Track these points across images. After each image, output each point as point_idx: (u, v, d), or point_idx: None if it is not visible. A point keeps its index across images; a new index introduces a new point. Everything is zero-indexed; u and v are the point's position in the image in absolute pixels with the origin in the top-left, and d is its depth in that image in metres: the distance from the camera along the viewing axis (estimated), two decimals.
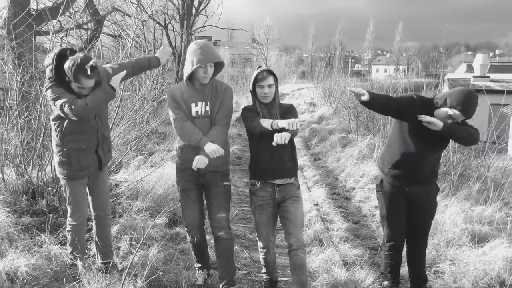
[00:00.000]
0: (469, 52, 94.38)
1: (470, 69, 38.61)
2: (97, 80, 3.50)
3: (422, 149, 3.64)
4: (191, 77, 3.49)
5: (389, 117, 6.92)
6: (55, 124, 3.59)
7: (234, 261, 3.87)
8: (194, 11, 19.39)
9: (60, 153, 3.63)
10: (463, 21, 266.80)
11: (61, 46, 6.39)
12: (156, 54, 4.13)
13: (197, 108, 3.50)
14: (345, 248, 4.72)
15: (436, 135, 3.53)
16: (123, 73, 3.68)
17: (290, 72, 48.78)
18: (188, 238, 3.76)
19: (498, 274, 3.99)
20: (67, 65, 3.36)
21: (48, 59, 3.48)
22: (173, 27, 19.22)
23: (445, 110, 3.48)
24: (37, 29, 9.36)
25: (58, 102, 3.42)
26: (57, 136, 3.62)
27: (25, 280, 3.44)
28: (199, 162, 3.33)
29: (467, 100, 3.42)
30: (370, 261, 4.56)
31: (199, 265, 3.86)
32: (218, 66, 3.54)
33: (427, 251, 4.14)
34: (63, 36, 9.99)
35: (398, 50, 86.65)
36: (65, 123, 3.54)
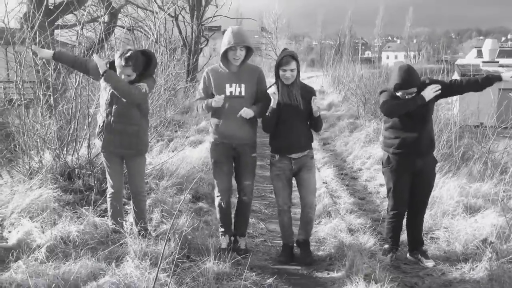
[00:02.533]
0: (481, 37, 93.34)
1: (480, 54, 38.52)
2: (138, 72, 4.13)
3: (417, 127, 4.19)
4: (227, 60, 4.05)
5: None
6: (105, 104, 4.23)
7: (248, 219, 4.52)
8: (204, 2, 19.80)
9: (101, 126, 4.29)
10: (475, 6, 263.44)
11: (77, 39, 7.00)
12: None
13: (231, 89, 4.09)
14: (350, 218, 5.29)
15: (422, 111, 4.15)
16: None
17: (299, 61, 48.99)
18: (217, 202, 4.37)
19: (485, 238, 4.51)
20: (116, 56, 4.00)
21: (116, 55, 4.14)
22: (184, 18, 19.66)
23: (401, 94, 4.11)
24: (57, 23, 9.88)
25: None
26: (104, 108, 4.27)
27: (76, 243, 4.07)
28: (245, 112, 4.02)
29: (401, 75, 4.02)
30: (372, 228, 5.11)
31: (223, 229, 4.44)
32: (250, 50, 4.09)
33: (424, 220, 4.69)
34: (80, 29, 10.54)
35: (408, 36, 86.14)
36: (113, 107, 4.17)
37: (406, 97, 4.11)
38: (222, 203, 4.34)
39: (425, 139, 4.25)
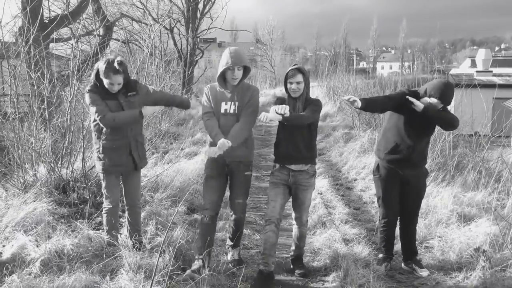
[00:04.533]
0: (474, 47, 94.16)
1: (474, 64, 38.82)
2: (126, 77, 4.10)
3: (414, 136, 4.23)
4: (225, 78, 4.09)
5: None
6: (94, 125, 4.22)
7: (242, 233, 4.48)
8: (198, 14, 19.94)
9: (97, 150, 4.25)
10: (469, 16, 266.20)
11: (72, 52, 7.03)
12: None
13: (226, 106, 4.09)
14: (345, 228, 5.31)
15: (424, 123, 4.16)
16: (159, 108, 4.41)
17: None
18: (200, 216, 4.32)
19: (479, 246, 4.53)
20: (99, 63, 4.00)
21: (99, 64, 4.07)
22: (179, 30, 19.78)
23: (425, 99, 4.09)
24: (52, 36, 9.91)
25: (92, 109, 4.03)
26: (95, 135, 4.24)
27: (70, 256, 4.06)
28: (208, 151, 3.99)
29: (443, 88, 4.04)
30: (367, 238, 5.12)
31: (201, 256, 4.06)
32: (247, 70, 4.12)
33: (418, 230, 4.73)
34: (75, 42, 10.60)
35: (402, 46, 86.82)
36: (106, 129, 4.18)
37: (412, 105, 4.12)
38: (205, 218, 4.18)
39: (418, 151, 4.28)
